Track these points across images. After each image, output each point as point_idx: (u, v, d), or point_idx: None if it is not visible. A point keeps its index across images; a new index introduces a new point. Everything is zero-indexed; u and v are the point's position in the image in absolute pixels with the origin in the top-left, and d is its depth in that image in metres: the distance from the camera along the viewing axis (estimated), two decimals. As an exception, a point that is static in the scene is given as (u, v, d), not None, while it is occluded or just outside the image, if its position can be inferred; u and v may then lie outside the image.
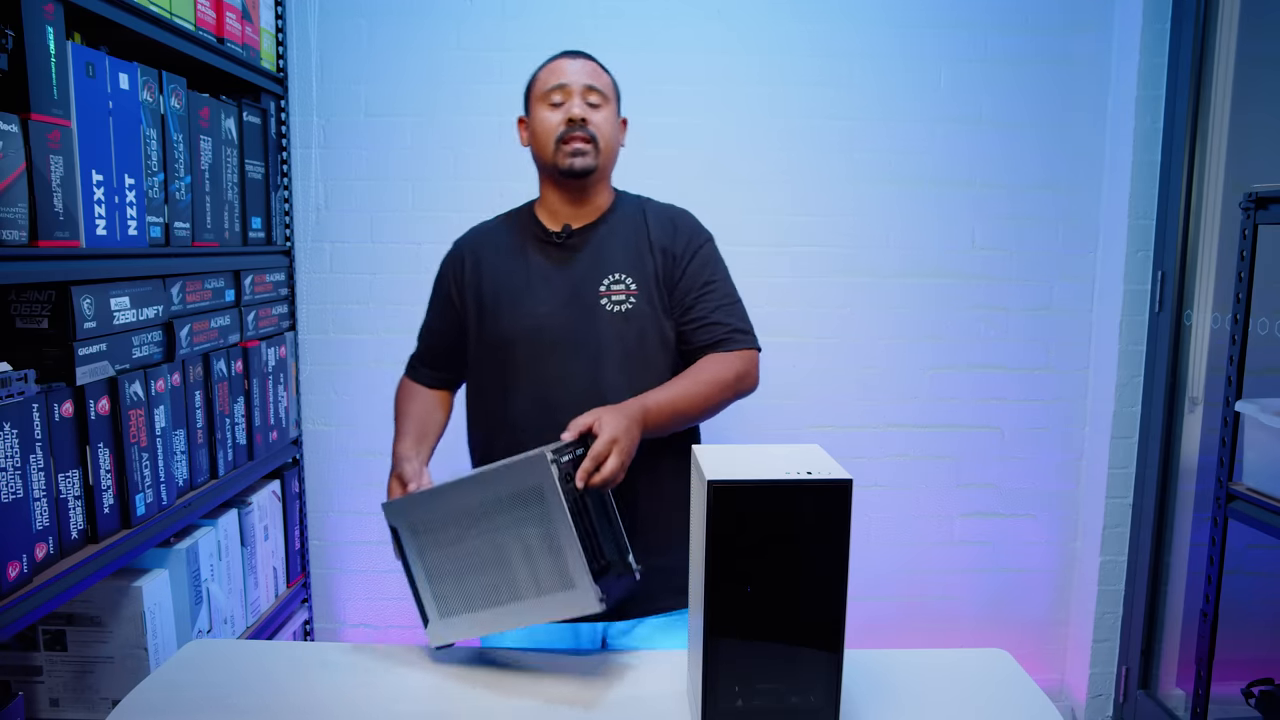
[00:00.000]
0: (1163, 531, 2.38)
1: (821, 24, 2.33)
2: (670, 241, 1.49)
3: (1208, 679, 1.73)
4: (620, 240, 1.49)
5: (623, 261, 1.47)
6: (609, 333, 1.44)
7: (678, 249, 1.49)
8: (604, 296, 1.45)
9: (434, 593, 1.28)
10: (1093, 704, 2.49)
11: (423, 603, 1.29)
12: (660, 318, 1.47)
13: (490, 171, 2.34)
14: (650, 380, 1.43)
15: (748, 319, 1.51)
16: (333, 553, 2.47)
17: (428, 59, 2.32)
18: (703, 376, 1.42)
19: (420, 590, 1.29)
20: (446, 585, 1.26)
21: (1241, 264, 1.68)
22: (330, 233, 2.37)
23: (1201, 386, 2.28)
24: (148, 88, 1.54)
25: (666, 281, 1.48)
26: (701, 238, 1.52)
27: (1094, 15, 2.35)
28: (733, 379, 1.43)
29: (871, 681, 1.23)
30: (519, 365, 1.46)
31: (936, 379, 2.47)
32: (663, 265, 1.48)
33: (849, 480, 1.00)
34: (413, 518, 1.27)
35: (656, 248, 1.48)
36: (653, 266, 1.48)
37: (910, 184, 2.39)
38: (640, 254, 1.48)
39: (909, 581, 2.53)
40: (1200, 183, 2.27)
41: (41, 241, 1.28)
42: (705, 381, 1.41)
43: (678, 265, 1.48)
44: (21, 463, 1.24)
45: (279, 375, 2.13)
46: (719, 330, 1.46)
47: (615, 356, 1.44)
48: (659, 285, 1.48)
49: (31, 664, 1.54)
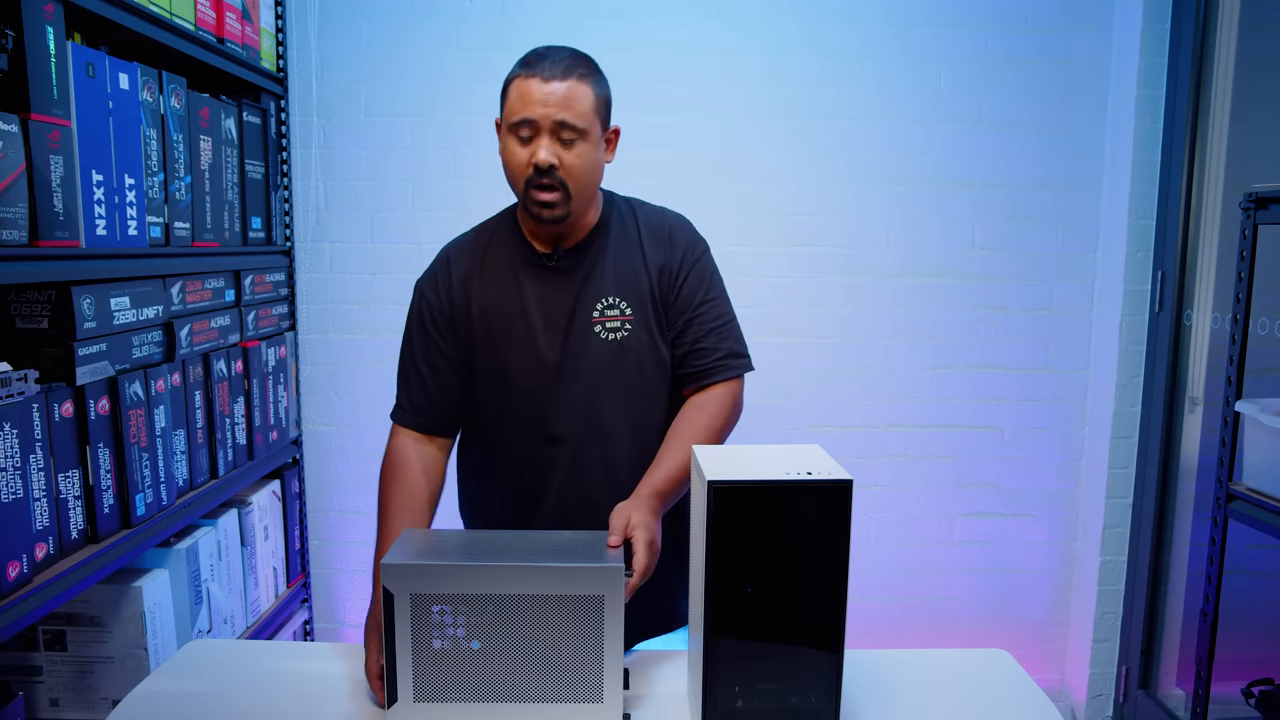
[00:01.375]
0: (1163, 531, 2.38)
1: (821, 24, 2.33)
2: (666, 257, 1.41)
3: (1208, 679, 1.73)
4: (613, 259, 1.40)
5: (615, 284, 1.39)
6: (606, 363, 1.37)
7: (674, 263, 1.41)
8: (597, 324, 1.38)
9: (415, 676, 1.08)
10: (1093, 704, 2.49)
11: (396, 683, 1.08)
12: (657, 343, 1.40)
13: (490, 171, 2.29)
14: (651, 410, 1.38)
15: (741, 337, 1.44)
16: (333, 553, 2.47)
17: (427, 59, 2.32)
18: (695, 437, 1.33)
19: (398, 668, 1.08)
20: (437, 672, 1.08)
21: (1241, 264, 1.68)
22: (330, 233, 2.37)
23: (1201, 386, 2.28)
24: (148, 88, 1.54)
25: (663, 298, 1.40)
26: (698, 249, 1.44)
27: (1094, 15, 2.35)
28: (721, 425, 1.38)
29: (871, 681, 1.23)
30: (516, 397, 1.39)
31: (936, 379, 2.47)
32: (659, 282, 1.40)
33: (849, 480, 1.00)
34: (423, 590, 1.07)
35: (652, 265, 1.40)
36: (648, 285, 1.40)
37: (910, 184, 2.39)
38: (635, 273, 1.40)
39: (909, 581, 2.53)
40: (1200, 183, 2.27)
41: (41, 241, 1.28)
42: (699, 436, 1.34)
43: (674, 280, 1.41)
44: (21, 463, 1.24)
45: (279, 375, 2.13)
46: (709, 358, 1.40)
47: (614, 388, 1.38)
48: (655, 304, 1.40)
49: (31, 664, 1.54)
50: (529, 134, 1.29)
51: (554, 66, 1.29)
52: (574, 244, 1.40)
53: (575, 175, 1.30)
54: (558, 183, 1.30)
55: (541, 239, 1.40)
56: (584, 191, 1.34)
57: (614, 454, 1.39)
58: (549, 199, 1.30)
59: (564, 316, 1.38)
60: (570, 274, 1.39)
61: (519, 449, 1.41)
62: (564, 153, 1.29)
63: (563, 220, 1.33)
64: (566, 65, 1.29)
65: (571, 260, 1.40)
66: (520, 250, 1.41)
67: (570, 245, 1.40)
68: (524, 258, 1.41)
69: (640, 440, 1.39)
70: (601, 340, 1.37)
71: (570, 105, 1.28)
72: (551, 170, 1.28)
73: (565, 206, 1.31)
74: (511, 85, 1.32)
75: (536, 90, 1.28)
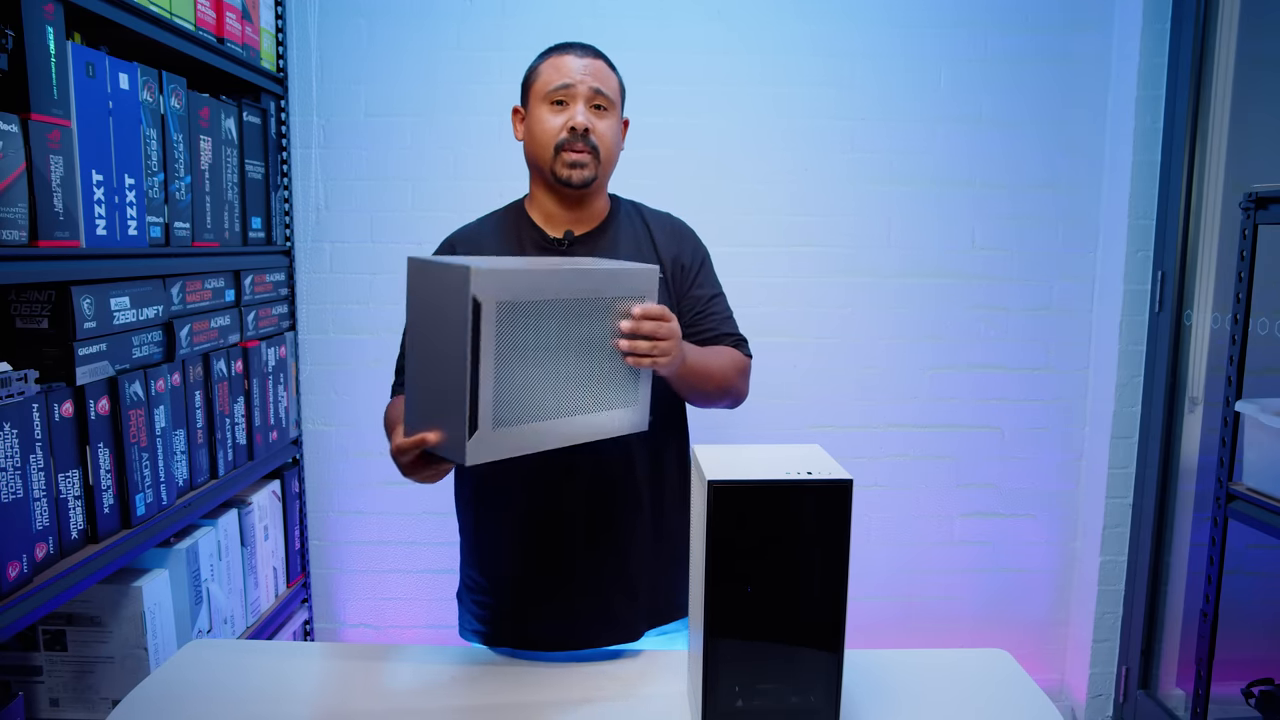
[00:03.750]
0: (1163, 531, 2.38)
1: (822, 24, 2.33)
2: (679, 251, 1.46)
3: (1208, 679, 1.73)
4: (624, 250, 1.43)
5: None
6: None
7: (686, 259, 1.46)
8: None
9: (496, 398, 1.04)
10: (1093, 704, 2.49)
11: (477, 409, 1.03)
12: None
13: (490, 171, 2.34)
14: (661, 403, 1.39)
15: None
16: (333, 553, 2.47)
17: (427, 59, 2.32)
18: (724, 354, 1.41)
19: (481, 393, 1.03)
20: (513, 390, 1.06)
21: (1241, 264, 1.68)
22: (330, 233, 2.37)
23: (1201, 386, 2.28)
24: (148, 88, 1.54)
25: (676, 291, 1.45)
26: (704, 249, 1.51)
27: (1094, 15, 2.35)
28: (742, 370, 1.44)
29: (871, 681, 1.23)
30: None
31: (936, 379, 2.47)
32: (671, 275, 1.44)
33: (849, 480, 1.00)
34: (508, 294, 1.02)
35: (665, 257, 1.44)
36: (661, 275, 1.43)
37: (910, 184, 2.39)
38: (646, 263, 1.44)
39: (909, 581, 2.53)
40: (1200, 183, 2.26)
41: (41, 241, 1.28)
42: (726, 357, 1.41)
43: (686, 276, 1.46)
44: (21, 463, 1.24)
45: (279, 375, 2.13)
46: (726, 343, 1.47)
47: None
48: (668, 295, 1.43)
49: (31, 664, 1.54)
50: (564, 101, 1.37)
51: (585, 49, 1.41)
52: (585, 232, 1.44)
53: (605, 143, 1.39)
54: (590, 146, 1.37)
55: (557, 222, 1.43)
56: (609, 161, 1.41)
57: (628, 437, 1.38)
58: (582, 158, 1.36)
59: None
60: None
61: None
62: (597, 121, 1.38)
63: (589, 184, 1.38)
64: (595, 50, 1.42)
65: (584, 247, 1.43)
66: (531, 234, 1.44)
67: (582, 232, 1.43)
68: (535, 241, 1.43)
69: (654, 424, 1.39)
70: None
71: (604, 79, 1.39)
72: (586, 134, 1.36)
73: (595, 168, 1.38)
74: (544, 63, 1.41)
75: (573, 62, 1.38)
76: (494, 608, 1.45)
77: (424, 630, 2.49)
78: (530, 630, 1.42)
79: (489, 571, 1.46)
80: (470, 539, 1.49)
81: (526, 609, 1.43)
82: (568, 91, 1.37)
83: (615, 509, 1.41)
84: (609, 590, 1.42)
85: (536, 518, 1.41)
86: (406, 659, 1.33)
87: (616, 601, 1.42)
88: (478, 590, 1.47)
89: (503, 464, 1.43)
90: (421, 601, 2.48)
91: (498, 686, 1.24)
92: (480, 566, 1.47)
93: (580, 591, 1.41)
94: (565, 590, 1.41)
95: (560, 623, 1.41)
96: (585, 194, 1.42)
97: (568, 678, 1.26)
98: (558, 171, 1.37)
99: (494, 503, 1.45)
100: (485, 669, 1.30)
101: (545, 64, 1.40)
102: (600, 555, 1.41)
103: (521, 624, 1.43)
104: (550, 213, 1.44)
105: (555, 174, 1.38)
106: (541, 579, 1.42)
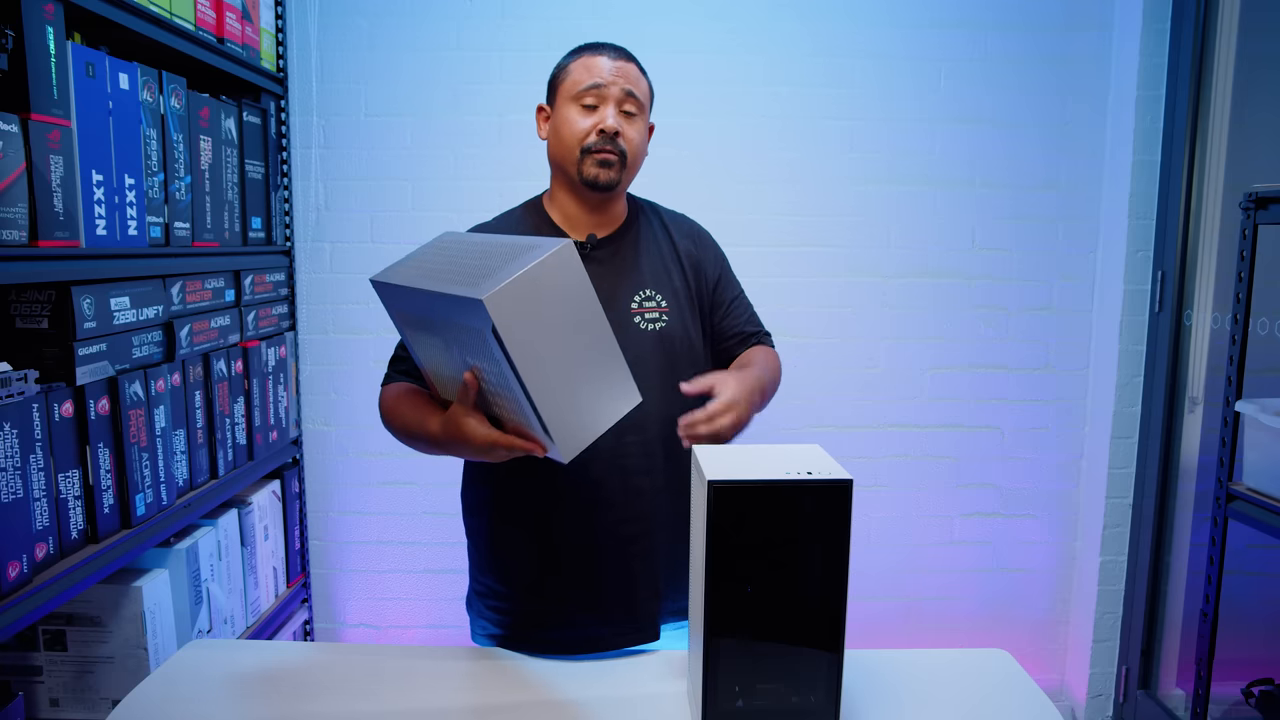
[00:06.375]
0: (1163, 531, 2.38)
1: (822, 24, 2.33)
2: (699, 255, 1.46)
3: (1208, 679, 1.73)
4: (646, 254, 1.42)
5: (650, 277, 1.41)
6: (642, 352, 1.36)
7: (706, 263, 1.46)
8: (636, 314, 1.38)
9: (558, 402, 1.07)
10: (1093, 704, 2.49)
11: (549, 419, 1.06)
12: (691, 335, 1.42)
13: (490, 171, 2.34)
14: (685, 401, 1.38)
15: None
16: (333, 553, 2.47)
17: (427, 59, 2.32)
18: (770, 364, 1.41)
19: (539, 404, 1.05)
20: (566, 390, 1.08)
21: (1241, 264, 1.68)
22: (330, 233, 2.37)
23: (1201, 386, 2.28)
24: (148, 88, 1.54)
25: (698, 294, 1.44)
26: (722, 252, 1.52)
27: (1094, 15, 2.35)
28: (779, 369, 1.45)
29: (871, 681, 1.23)
30: None
31: (937, 379, 2.47)
32: (693, 278, 1.44)
33: (849, 480, 1.00)
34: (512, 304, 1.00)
35: (686, 261, 1.43)
36: (680, 280, 1.42)
37: (911, 184, 2.39)
38: (667, 268, 1.43)
39: (909, 581, 2.53)
40: (1200, 183, 2.26)
41: (41, 241, 1.28)
42: (773, 368, 1.41)
43: (708, 279, 1.46)
44: (21, 463, 1.24)
45: (279, 375, 2.13)
46: (753, 342, 1.49)
47: (653, 376, 1.35)
48: (690, 299, 1.42)
49: (31, 664, 1.54)
50: (594, 102, 1.34)
51: (617, 50, 1.38)
52: (606, 235, 1.42)
53: (633, 147, 1.37)
54: (618, 150, 1.34)
55: (577, 223, 1.42)
56: (634, 167, 1.39)
57: (650, 438, 1.38)
58: (609, 159, 1.34)
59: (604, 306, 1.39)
60: (605, 264, 1.40)
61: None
62: (627, 125, 1.36)
63: (614, 186, 1.37)
64: (627, 52, 1.39)
65: (606, 250, 1.41)
66: (552, 233, 1.40)
67: (604, 235, 1.42)
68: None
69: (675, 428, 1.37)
70: (640, 330, 1.38)
71: (635, 82, 1.37)
72: (615, 137, 1.33)
73: (620, 173, 1.36)
74: (575, 62, 1.38)
75: (605, 63, 1.35)
76: (515, 614, 1.41)
77: (424, 630, 2.49)
78: (553, 636, 1.38)
79: (510, 580, 1.42)
80: (485, 546, 1.45)
81: (549, 617, 1.39)
82: (598, 93, 1.34)
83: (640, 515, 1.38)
84: (639, 595, 1.39)
85: (563, 528, 1.38)
86: (406, 659, 1.33)
87: (643, 604, 1.40)
88: (494, 596, 1.43)
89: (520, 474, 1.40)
90: (421, 601, 2.48)
91: (497, 686, 1.24)
92: (499, 574, 1.43)
93: (611, 601, 1.38)
94: (593, 598, 1.38)
95: (586, 630, 1.38)
96: (608, 197, 1.39)
97: (568, 677, 1.27)
98: (584, 172, 1.35)
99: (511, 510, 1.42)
100: (484, 669, 1.30)
101: (576, 63, 1.37)
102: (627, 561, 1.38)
103: (543, 630, 1.39)
104: (571, 214, 1.42)
105: (582, 175, 1.35)
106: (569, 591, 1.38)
